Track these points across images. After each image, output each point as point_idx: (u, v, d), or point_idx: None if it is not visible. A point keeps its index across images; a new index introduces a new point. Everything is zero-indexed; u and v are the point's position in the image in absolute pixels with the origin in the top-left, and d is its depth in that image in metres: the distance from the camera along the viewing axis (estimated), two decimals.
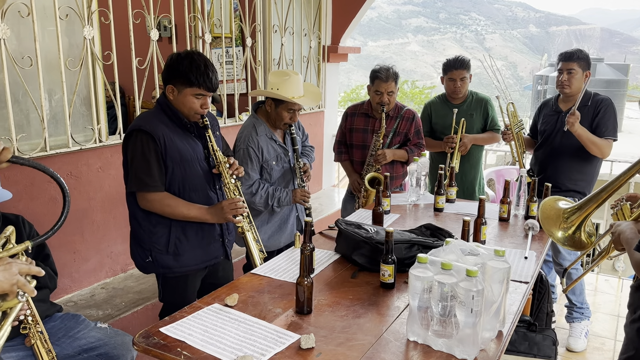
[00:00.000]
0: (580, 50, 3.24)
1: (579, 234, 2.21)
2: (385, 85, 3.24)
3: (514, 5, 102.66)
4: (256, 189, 2.78)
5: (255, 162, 2.79)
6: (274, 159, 2.86)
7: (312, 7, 5.01)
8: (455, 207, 3.07)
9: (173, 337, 1.66)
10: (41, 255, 2.24)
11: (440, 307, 1.53)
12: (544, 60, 19.92)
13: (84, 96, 3.09)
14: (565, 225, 2.19)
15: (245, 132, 2.84)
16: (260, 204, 2.80)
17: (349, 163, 3.54)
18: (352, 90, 21.81)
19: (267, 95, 2.81)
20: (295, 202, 2.90)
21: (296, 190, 2.89)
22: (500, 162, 7.39)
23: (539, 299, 3.13)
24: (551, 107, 3.39)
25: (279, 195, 2.83)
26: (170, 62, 2.27)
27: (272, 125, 2.89)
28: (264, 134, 2.84)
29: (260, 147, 2.80)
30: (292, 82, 2.77)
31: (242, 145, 2.79)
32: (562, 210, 2.23)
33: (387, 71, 3.26)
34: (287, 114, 2.81)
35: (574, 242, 2.22)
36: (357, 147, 3.46)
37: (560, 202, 2.33)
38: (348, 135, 3.50)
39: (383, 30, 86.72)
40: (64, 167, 2.97)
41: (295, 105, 2.79)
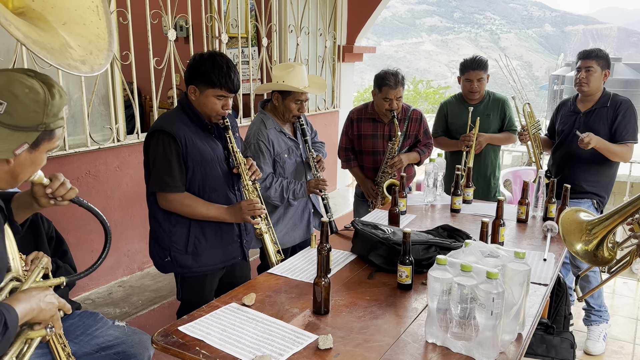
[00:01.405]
0: (599, 49, 3.20)
1: (601, 250, 2.13)
2: (394, 92, 3.17)
3: (529, 4, 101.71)
4: (270, 182, 2.79)
5: (267, 156, 2.80)
6: (285, 151, 2.87)
7: (327, 7, 5.00)
8: (472, 208, 3.05)
9: (191, 335, 1.67)
10: (59, 251, 2.26)
11: (459, 309, 1.52)
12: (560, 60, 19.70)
13: (102, 96, 3.12)
14: (587, 237, 2.12)
15: (254, 128, 2.85)
16: (275, 197, 2.80)
17: (359, 169, 3.49)
18: (365, 90, 21.76)
19: (273, 88, 2.83)
20: (310, 193, 2.90)
21: (310, 181, 2.89)
22: (516, 162, 7.32)
23: (557, 302, 3.09)
24: (569, 108, 3.34)
25: (293, 188, 2.83)
26: (193, 62, 2.28)
27: (280, 119, 2.90)
28: (272, 127, 2.85)
29: (271, 140, 2.81)
30: (297, 73, 2.79)
31: (253, 140, 2.80)
32: (585, 222, 2.16)
33: (395, 77, 3.18)
34: (294, 105, 2.82)
35: (596, 259, 2.14)
36: (368, 153, 3.40)
37: (581, 214, 2.26)
38: (356, 142, 3.43)
39: (397, 30, 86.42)
40: (83, 166, 3.00)
41: (302, 96, 2.81)
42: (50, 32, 1.40)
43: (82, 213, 3.01)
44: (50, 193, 1.55)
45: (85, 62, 1.43)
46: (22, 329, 1.46)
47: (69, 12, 1.46)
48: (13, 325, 1.32)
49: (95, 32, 1.49)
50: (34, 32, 1.30)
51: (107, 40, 1.52)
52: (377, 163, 3.37)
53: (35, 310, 1.42)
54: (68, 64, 1.36)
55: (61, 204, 1.59)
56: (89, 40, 1.47)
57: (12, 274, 1.49)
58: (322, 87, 3.04)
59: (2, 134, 1.34)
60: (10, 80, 1.34)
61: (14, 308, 1.35)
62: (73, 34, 1.44)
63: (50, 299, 1.46)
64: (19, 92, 1.34)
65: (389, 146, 3.29)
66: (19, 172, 1.43)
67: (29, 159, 1.42)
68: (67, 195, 1.57)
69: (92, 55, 1.45)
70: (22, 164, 1.42)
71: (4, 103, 1.32)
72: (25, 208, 1.63)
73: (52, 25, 1.41)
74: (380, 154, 3.35)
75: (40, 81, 1.38)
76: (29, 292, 1.43)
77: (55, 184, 1.55)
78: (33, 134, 1.38)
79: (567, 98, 3.47)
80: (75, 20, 1.46)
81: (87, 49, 1.44)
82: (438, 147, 3.75)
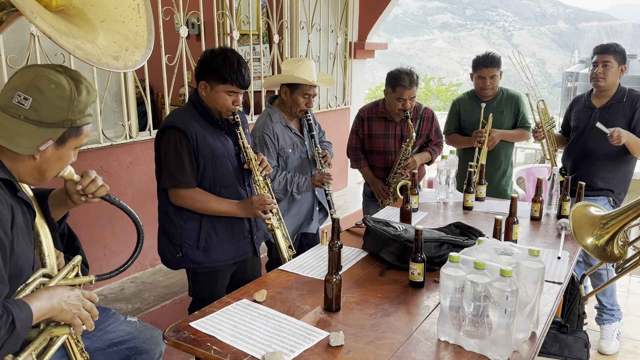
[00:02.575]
0: (616, 44, 3.15)
1: (611, 246, 2.10)
2: (408, 92, 3.11)
3: (542, 1, 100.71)
4: (274, 175, 2.78)
5: (271, 149, 2.80)
6: (290, 146, 2.86)
7: (339, 3, 4.99)
8: (485, 206, 3.02)
9: (203, 331, 1.67)
10: (72, 248, 2.27)
11: (472, 307, 1.50)
12: (575, 56, 19.47)
13: (115, 92, 3.13)
14: (600, 232, 2.08)
15: (260, 121, 2.86)
16: (279, 190, 2.80)
17: (369, 169, 3.44)
18: (377, 88, 21.69)
19: (281, 80, 2.83)
20: (314, 187, 2.89)
21: (315, 175, 2.89)
22: (529, 160, 7.25)
23: (570, 300, 3.05)
24: (583, 104, 3.29)
25: (297, 181, 2.83)
26: (204, 58, 2.28)
27: (287, 114, 2.90)
28: (278, 121, 2.85)
29: (276, 134, 2.81)
30: (306, 67, 2.79)
31: (258, 133, 2.80)
32: (598, 217, 2.13)
33: (410, 77, 3.12)
34: (302, 99, 2.82)
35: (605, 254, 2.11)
36: (379, 152, 3.35)
37: (592, 209, 2.23)
38: (367, 141, 3.38)
39: (408, 27, 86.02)
40: (95, 162, 3.01)
41: (310, 90, 2.81)
42: (84, 28, 1.41)
43: (94, 210, 3.04)
44: (81, 190, 1.56)
45: (118, 58, 1.43)
46: (47, 326, 1.46)
47: (109, 10, 1.48)
48: (23, 323, 1.30)
49: (133, 29, 1.50)
50: (63, 26, 1.31)
51: (146, 38, 1.54)
52: (388, 163, 3.33)
53: (55, 309, 1.41)
54: (98, 59, 1.36)
55: (92, 201, 1.60)
56: (125, 37, 1.48)
57: (44, 270, 1.48)
58: (329, 82, 3.05)
59: (27, 129, 1.34)
60: (37, 76, 1.34)
61: (29, 305, 1.34)
62: (110, 31, 1.45)
63: (74, 300, 1.44)
64: (44, 87, 1.33)
65: (403, 147, 3.24)
66: (45, 168, 1.43)
67: (55, 155, 1.42)
68: (97, 192, 1.58)
69: (128, 52, 1.46)
70: (48, 160, 1.42)
71: (30, 98, 1.32)
72: (60, 205, 1.64)
73: (91, 22, 1.42)
74: (392, 154, 3.32)
75: (68, 77, 1.37)
76: (52, 290, 1.42)
77: (86, 180, 1.55)
78: (58, 130, 1.38)
79: (581, 94, 3.42)
80: (114, 18, 1.48)
81: (123, 45, 1.45)
82: (450, 144, 3.72)
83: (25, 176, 1.43)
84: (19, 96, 1.32)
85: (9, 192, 1.38)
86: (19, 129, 1.33)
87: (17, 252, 1.38)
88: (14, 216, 1.36)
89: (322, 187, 2.90)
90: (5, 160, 1.38)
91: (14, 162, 1.39)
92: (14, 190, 1.40)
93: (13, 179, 1.39)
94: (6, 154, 1.37)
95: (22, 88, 1.33)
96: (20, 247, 1.39)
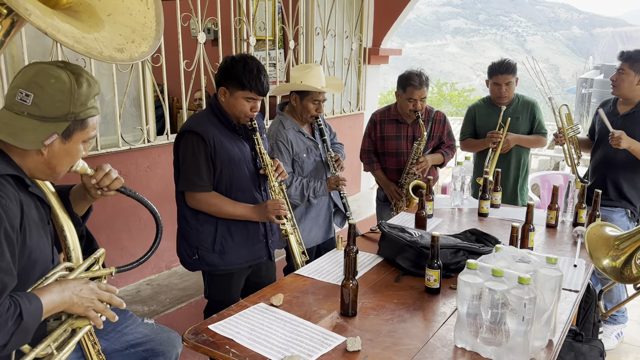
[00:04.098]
0: (638, 51, 3.12)
1: (629, 267, 2.06)
2: (419, 92, 3.17)
3: (556, 7, 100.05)
4: (290, 181, 2.81)
5: (286, 156, 2.83)
6: (304, 151, 2.89)
7: (354, 10, 5.01)
8: (500, 213, 3.01)
9: (221, 334, 1.69)
10: (89, 250, 2.31)
11: (490, 314, 1.51)
12: (589, 62, 19.30)
13: (134, 97, 3.18)
14: (614, 253, 2.05)
15: (272, 128, 2.89)
16: (296, 196, 2.83)
17: (381, 172, 3.47)
18: (389, 92, 21.68)
19: (291, 88, 2.86)
20: (330, 190, 2.92)
21: (330, 178, 2.91)
22: (542, 166, 7.20)
23: (586, 309, 3.03)
24: (609, 109, 3.25)
25: (313, 186, 2.85)
26: (224, 65, 2.32)
27: (298, 120, 2.93)
28: (291, 127, 2.88)
29: (289, 140, 2.84)
30: (314, 74, 2.82)
31: (271, 140, 2.83)
32: (612, 238, 2.09)
33: (420, 77, 3.18)
34: (312, 105, 2.85)
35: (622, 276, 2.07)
36: (391, 154, 3.39)
37: (607, 229, 2.19)
38: (379, 144, 3.42)
39: (421, 32, 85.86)
40: (114, 166, 2.97)
41: (319, 96, 2.84)
42: (88, 22, 1.41)
43: (112, 212, 3.08)
44: (96, 183, 1.58)
45: (123, 50, 1.43)
46: (67, 317, 1.48)
47: (116, 3, 1.48)
48: (31, 316, 1.32)
49: (141, 21, 1.49)
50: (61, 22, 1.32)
51: (155, 29, 1.52)
52: (400, 164, 3.37)
53: (67, 302, 1.42)
54: (100, 52, 1.35)
55: (108, 194, 1.62)
56: (132, 29, 1.47)
57: (68, 264, 1.51)
58: (339, 87, 3.09)
59: (31, 125, 1.36)
60: (38, 72, 1.36)
61: (39, 298, 1.36)
62: (117, 23, 1.45)
63: (86, 293, 1.46)
64: (44, 82, 1.35)
65: (414, 146, 3.28)
66: (55, 163, 1.45)
67: (63, 149, 1.43)
68: (112, 185, 1.60)
69: (134, 44, 1.45)
70: (56, 155, 1.43)
71: (31, 94, 1.34)
72: (81, 200, 1.67)
73: (97, 16, 1.43)
74: (404, 155, 3.34)
75: (68, 71, 1.39)
76: (64, 283, 1.44)
77: (100, 174, 1.58)
78: (62, 124, 1.39)
79: (608, 99, 3.37)
80: (121, 11, 1.47)
81: (129, 37, 1.45)
82: (465, 149, 3.72)
83: (36, 172, 1.45)
84: (20, 93, 1.34)
85: (20, 188, 1.40)
86: (23, 125, 1.35)
87: (30, 246, 1.40)
88: (25, 210, 1.38)
89: (337, 189, 2.92)
90: (15, 157, 1.40)
91: (23, 159, 1.41)
92: (25, 185, 1.42)
93: (23, 175, 1.41)
94: (15, 151, 1.39)
95: (24, 85, 1.35)
96: (34, 241, 1.41)
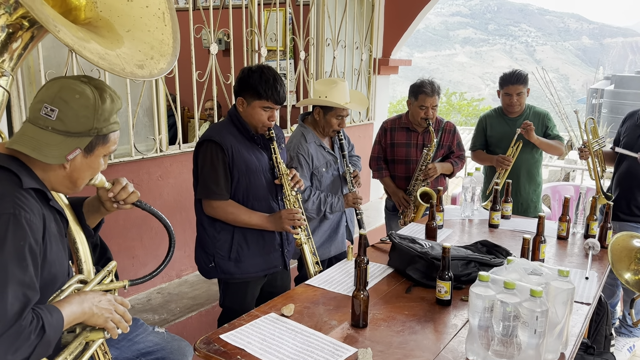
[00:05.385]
0: None
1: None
2: (430, 99, 3.21)
3: (566, 17, 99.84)
4: (308, 195, 2.82)
5: (305, 169, 2.84)
6: (323, 165, 2.91)
7: (364, 21, 5.05)
8: (511, 224, 3.01)
9: (233, 344, 1.70)
10: (103, 259, 2.33)
11: (501, 326, 1.51)
12: (599, 73, 19.25)
13: (147, 107, 3.22)
14: (636, 266, 2.02)
15: (294, 141, 2.90)
16: (312, 210, 2.83)
17: (390, 179, 3.49)
18: (398, 102, 21.71)
19: (316, 103, 2.87)
20: (347, 207, 2.93)
21: (348, 195, 2.92)
22: (553, 177, 7.18)
23: (597, 321, 3.01)
24: (635, 120, 3.21)
25: (331, 201, 2.86)
26: (242, 75, 2.37)
27: (319, 133, 2.94)
28: (312, 141, 2.89)
29: (310, 154, 2.85)
30: (340, 89, 2.83)
31: (292, 152, 2.84)
32: (635, 249, 2.07)
33: (432, 85, 3.23)
34: (335, 120, 2.86)
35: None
36: (400, 162, 3.41)
37: (635, 240, 2.16)
38: (389, 151, 3.45)
39: (430, 42, 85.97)
40: (126, 175, 3.05)
41: (343, 112, 2.85)
42: (109, 38, 1.44)
43: (124, 221, 3.11)
44: (113, 197, 1.60)
45: (143, 66, 1.46)
46: (82, 330, 1.50)
47: (134, 20, 1.51)
48: (53, 328, 1.33)
49: (159, 38, 1.53)
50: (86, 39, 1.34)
51: (172, 46, 1.55)
52: (409, 172, 3.38)
53: (87, 313, 1.44)
54: (122, 69, 1.39)
55: (124, 207, 1.64)
56: (151, 45, 1.50)
57: (81, 276, 1.53)
58: (364, 103, 3.10)
59: (55, 140, 1.37)
60: (62, 87, 1.38)
61: (60, 310, 1.37)
62: (136, 40, 1.48)
63: (105, 304, 1.48)
64: (69, 98, 1.36)
65: (424, 152, 3.29)
66: (76, 177, 1.47)
67: (85, 163, 1.45)
68: (128, 199, 1.62)
69: (153, 60, 1.48)
70: (78, 169, 1.45)
71: (56, 109, 1.35)
72: (94, 212, 1.69)
73: (116, 33, 1.46)
74: (413, 163, 3.36)
75: (92, 86, 1.41)
76: (84, 295, 1.46)
77: (117, 187, 1.60)
78: (85, 139, 1.40)
79: (635, 110, 3.31)
80: (139, 27, 1.51)
81: (149, 54, 1.48)
82: (476, 161, 3.72)
83: (58, 185, 1.47)
84: (45, 108, 1.36)
85: (42, 201, 1.41)
86: (47, 139, 1.37)
87: (51, 260, 1.41)
88: (46, 224, 1.39)
89: (354, 206, 2.94)
90: (37, 171, 1.42)
91: (46, 172, 1.43)
92: (47, 199, 1.44)
93: (45, 189, 1.43)
94: (38, 165, 1.41)
95: (49, 100, 1.36)
96: (53, 254, 1.42)
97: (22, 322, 1.25)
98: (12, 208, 1.29)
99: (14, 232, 1.28)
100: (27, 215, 1.31)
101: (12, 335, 1.24)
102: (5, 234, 1.27)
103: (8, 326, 1.23)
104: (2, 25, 1.33)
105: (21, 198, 1.33)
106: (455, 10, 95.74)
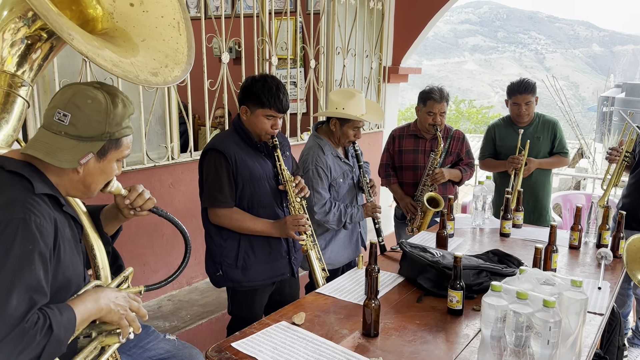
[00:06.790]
0: None
1: None
2: (439, 106, 3.23)
3: (576, 24, 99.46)
4: (329, 207, 2.83)
5: (325, 182, 2.84)
6: (340, 176, 2.92)
7: (374, 29, 5.07)
8: (522, 233, 2.99)
9: (244, 352, 1.71)
10: (115, 266, 2.35)
11: (514, 337, 1.50)
12: (610, 80, 19.11)
13: (159, 116, 3.25)
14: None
15: (311, 153, 2.90)
16: (333, 222, 2.84)
17: (398, 186, 3.50)
18: (407, 109, 21.69)
19: (334, 115, 2.87)
20: (367, 217, 2.95)
21: (367, 205, 2.94)
22: (563, 185, 7.13)
23: (610, 332, 2.98)
24: None
25: (351, 212, 2.87)
26: (246, 84, 2.41)
27: (334, 143, 2.95)
28: (330, 152, 2.90)
29: (329, 166, 2.86)
30: (357, 101, 2.84)
31: (311, 166, 2.84)
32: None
33: (441, 92, 3.25)
34: (352, 131, 2.87)
35: None
36: (408, 168, 3.42)
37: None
38: (397, 158, 3.47)
39: (439, 49, 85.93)
40: (138, 182, 3.06)
41: (360, 123, 2.86)
42: (124, 47, 1.47)
43: (135, 228, 3.13)
44: (129, 204, 1.62)
45: (157, 74, 1.48)
46: (98, 335, 1.51)
47: (150, 30, 1.54)
48: (63, 327, 1.33)
49: (174, 46, 1.55)
50: (101, 47, 1.37)
51: (186, 54, 1.58)
52: (417, 178, 3.39)
53: (104, 310, 1.45)
54: (136, 76, 1.41)
55: (140, 214, 1.66)
56: (165, 54, 1.52)
57: (97, 282, 1.54)
58: (379, 115, 3.13)
59: (68, 144, 1.39)
60: (75, 93, 1.40)
61: (72, 308, 1.38)
62: (151, 49, 1.51)
63: (121, 301, 1.50)
64: (81, 103, 1.39)
65: (431, 157, 3.29)
66: (90, 181, 1.49)
67: (98, 168, 1.47)
68: (145, 205, 1.64)
69: (167, 69, 1.51)
70: (91, 174, 1.47)
71: (68, 115, 1.37)
72: (112, 219, 1.71)
73: (132, 42, 1.49)
74: (421, 169, 3.37)
75: (104, 92, 1.43)
76: (100, 291, 1.48)
77: (133, 194, 1.62)
78: (98, 144, 1.42)
79: None
80: (154, 37, 1.54)
81: (163, 62, 1.50)
82: (485, 169, 3.71)
83: (72, 190, 1.49)
84: (58, 113, 1.38)
85: (55, 207, 1.43)
86: (60, 144, 1.39)
87: (65, 264, 1.43)
88: (59, 229, 1.41)
89: (374, 216, 2.95)
90: (51, 176, 1.44)
91: (59, 177, 1.45)
92: (60, 204, 1.45)
93: (58, 194, 1.45)
94: (52, 170, 1.43)
95: (61, 105, 1.39)
96: (67, 258, 1.44)
97: (26, 324, 1.26)
98: (22, 213, 1.31)
99: (23, 237, 1.29)
100: (37, 220, 1.33)
101: (16, 338, 1.24)
102: (14, 238, 1.28)
103: (11, 329, 1.24)
104: (21, 37, 1.36)
105: (32, 203, 1.34)
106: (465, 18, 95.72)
